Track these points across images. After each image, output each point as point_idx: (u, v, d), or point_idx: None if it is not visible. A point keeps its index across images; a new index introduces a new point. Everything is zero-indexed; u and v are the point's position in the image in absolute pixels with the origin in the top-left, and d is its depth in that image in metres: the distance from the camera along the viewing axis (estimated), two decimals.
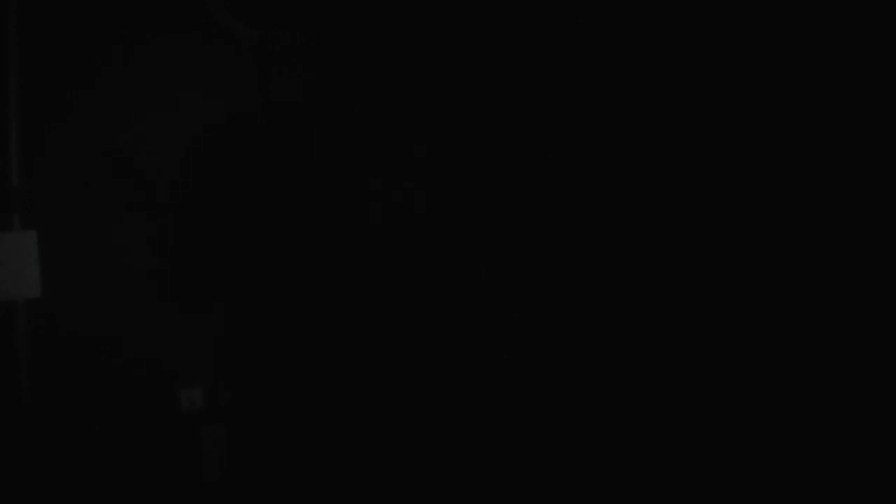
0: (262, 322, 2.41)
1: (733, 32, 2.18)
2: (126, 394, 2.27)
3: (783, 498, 2.10)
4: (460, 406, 2.47)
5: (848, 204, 2.05)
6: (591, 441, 2.36)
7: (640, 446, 2.30)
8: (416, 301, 2.47)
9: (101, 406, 2.25)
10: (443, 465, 2.48)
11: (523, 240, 2.43)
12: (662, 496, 2.25)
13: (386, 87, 2.46)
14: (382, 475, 2.46)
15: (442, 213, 2.47)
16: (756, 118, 2.16)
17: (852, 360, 2.04)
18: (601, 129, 2.36)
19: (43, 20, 2.16)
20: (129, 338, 2.28)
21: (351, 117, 2.45)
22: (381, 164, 2.46)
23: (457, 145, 2.48)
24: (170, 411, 2.32)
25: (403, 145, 2.47)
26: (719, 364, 2.21)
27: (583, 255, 2.38)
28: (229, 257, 2.37)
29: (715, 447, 2.20)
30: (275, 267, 2.41)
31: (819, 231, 2.08)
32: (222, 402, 2.37)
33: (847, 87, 2.05)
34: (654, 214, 2.30)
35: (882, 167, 2.01)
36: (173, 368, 2.32)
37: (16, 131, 2.14)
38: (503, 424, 2.44)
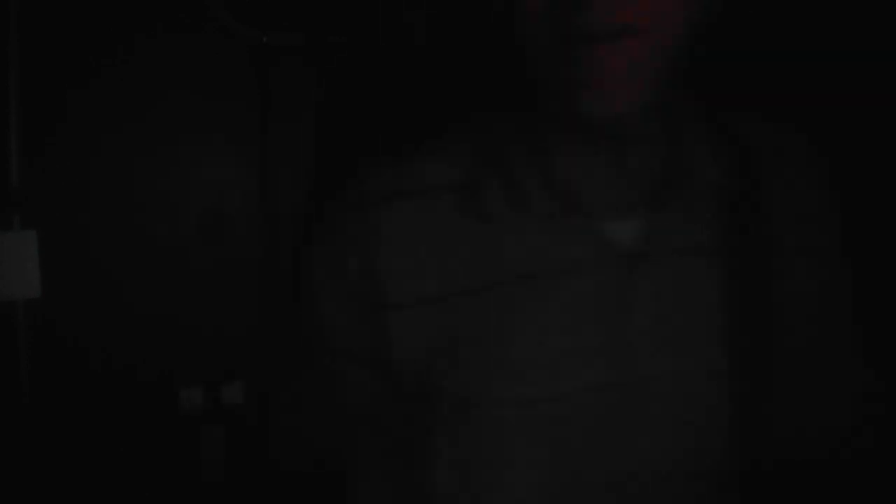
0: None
1: None
2: (126, 394, 2.28)
3: None
4: None
5: None
6: None
7: None
8: None
9: (100, 406, 2.25)
10: None
11: None
12: None
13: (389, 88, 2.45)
14: None
15: None
16: None
17: None
18: None
19: (43, 20, 2.16)
20: (130, 338, 2.28)
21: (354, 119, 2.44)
22: None
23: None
24: (169, 411, 2.32)
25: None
26: None
27: None
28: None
29: None
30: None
31: None
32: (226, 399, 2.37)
33: None
34: None
35: None
36: (175, 368, 2.32)
37: (16, 131, 2.13)
38: None
